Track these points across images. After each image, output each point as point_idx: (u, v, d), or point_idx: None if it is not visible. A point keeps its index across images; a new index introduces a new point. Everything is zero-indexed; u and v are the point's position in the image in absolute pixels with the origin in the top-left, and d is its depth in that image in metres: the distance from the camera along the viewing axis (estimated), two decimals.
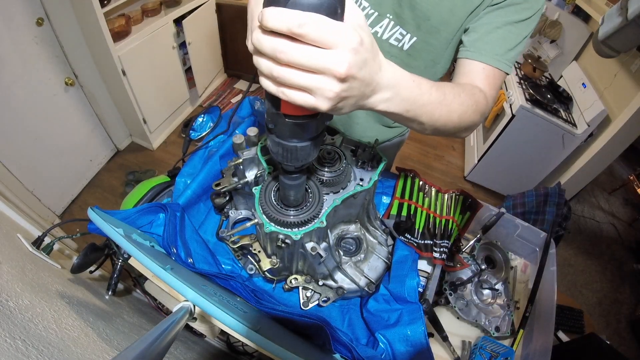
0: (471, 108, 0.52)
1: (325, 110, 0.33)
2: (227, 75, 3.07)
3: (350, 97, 0.34)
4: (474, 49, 0.59)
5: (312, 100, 0.32)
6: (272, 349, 0.45)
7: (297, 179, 0.50)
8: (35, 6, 1.54)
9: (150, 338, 0.36)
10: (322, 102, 0.32)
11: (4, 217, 0.95)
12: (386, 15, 0.65)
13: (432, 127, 0.48)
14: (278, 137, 0.40)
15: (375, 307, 0.65)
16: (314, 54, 0.29)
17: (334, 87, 0.31)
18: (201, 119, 0.97)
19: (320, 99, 0.32)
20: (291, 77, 0.30)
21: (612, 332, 2.02)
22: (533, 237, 0.89)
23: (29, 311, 0.51)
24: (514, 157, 2.29)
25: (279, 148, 0.41)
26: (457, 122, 0.50)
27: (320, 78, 0.30)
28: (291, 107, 0.34)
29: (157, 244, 0.62)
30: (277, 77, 0.31)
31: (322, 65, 0.29)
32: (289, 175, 0.49)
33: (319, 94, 0.31)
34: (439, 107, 0.46)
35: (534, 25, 0.60)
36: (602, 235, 2.61)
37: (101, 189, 2.13)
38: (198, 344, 1.00)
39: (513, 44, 0.59)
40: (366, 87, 0.35)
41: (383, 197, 0.90)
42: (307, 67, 0.30)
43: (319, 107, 0.32)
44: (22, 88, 1.57)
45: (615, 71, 2.03)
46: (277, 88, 0.32)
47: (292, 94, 0.32)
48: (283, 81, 0.31)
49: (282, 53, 0.29)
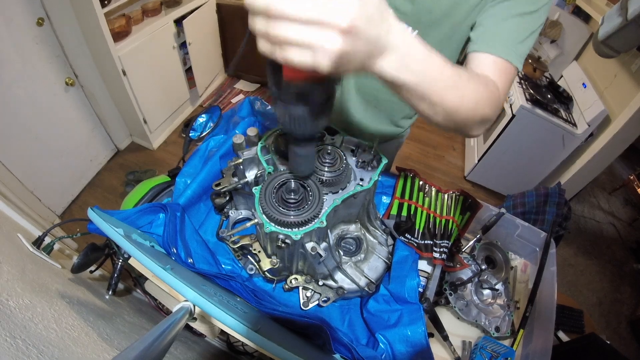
0: (485, 97, 0.47)
1: (325, 69, 0.29)
2: (227, 75, 3.07)
3: (354, 54, 0.30)
4: (483, 41, 0.55)
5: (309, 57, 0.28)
6: (272, 349, 0.45)
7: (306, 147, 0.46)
8: (35, 6, 1.54)
9: (150, 338, 0.36)
10: (323, 59, 0.28)
11: (4, 217, 0.95)
12: None
13: (444, 111, 0.43)
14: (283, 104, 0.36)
15: (376, 307, 0.65)
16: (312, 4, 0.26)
17: (336, 41, 0.27)
18: (201, 119, 0.97)
19: (320, 56, 0.28)
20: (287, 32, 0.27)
21: (612, 332, 2.02)
22: (533, 237, 0.89)
23: (30, 311, 0.51)
24: (514, 157, 2.29)
25: (285, 116, 0.37)
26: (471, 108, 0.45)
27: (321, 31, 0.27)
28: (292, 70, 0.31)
29: (157, 244, 0.62)
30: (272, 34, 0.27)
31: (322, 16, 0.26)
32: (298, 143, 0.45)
33: (319, 50, 0.27)
34: (452, 88, 0.41)
35: (542, 20, 0.56)
36: (602, 235, 2.61)
37: (101, 189, 2.13)
38: (198, 344, 1.00)
39: (523, 36, 0.55)
40: (373, 45, 0.31)
41: (383, 197, 0.90)
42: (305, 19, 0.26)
43: (319, 65, 0.28)
44: (22, 88, 1.57)
45: (615, 71, 2.03)
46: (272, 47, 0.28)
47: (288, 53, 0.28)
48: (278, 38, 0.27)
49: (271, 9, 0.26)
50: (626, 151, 2.03)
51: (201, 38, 2.43)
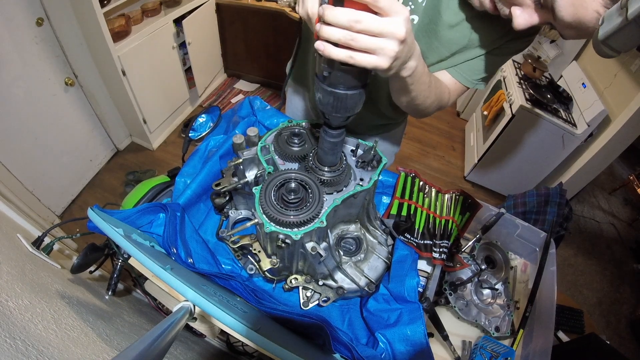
0: (437, 100, 0.66)
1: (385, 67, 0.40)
2: (227, 75, 3.07)
3: (400, 58, 0.42)
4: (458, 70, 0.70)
5: (375, 59, 0.39)
6: (272, 349, 0.45)
7: (338, 136, 0.54)
8: (35, 6, 1.54)
9: (150, 338, 0.36)
10: (384, 60, 0.39)
11: (4, 217, 0.95)
12: None
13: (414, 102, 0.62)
14: (330, 85, 0.43)
15: (375, 306, 0.65)
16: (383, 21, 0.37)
17: (395, 47, 0.39)
18: (201, 119, 0.97)
19: (383, 58, 0.39)
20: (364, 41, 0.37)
21: (612, 332, 2.02)
22: (533, 237, 0.89)
23: (29, 311, 0.51)
24: (514, 157, 2.29)
25: (330, 97, 0.44)
26: (428, 105, 0.64)
27: (385, 40, 0.38)
28: None
29: (157, 244, 0.62)
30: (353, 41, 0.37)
31: (388, 30, 0.37)
32: (332, 131, 0.53)
33: (382, 53, 0.39)
34: (426, 89, 0.59)
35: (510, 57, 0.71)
36: (602, 235, 2.61)
37: (101, 189, 2.13)
38: (198, 344, 1.00)
39: (491, 71, 0.71)
40: (409, 51, 0.44)
41: (383, 197, 0.90)
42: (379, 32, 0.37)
43: (381, 64, 0.40)
44: (22, 88, 1.57)
45: (615, 71, 2.03)
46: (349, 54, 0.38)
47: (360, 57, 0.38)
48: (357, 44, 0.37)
49: (358, 22, 0.36)
50: (626, 151, 2.03)
51: (201, 38, 2.43)
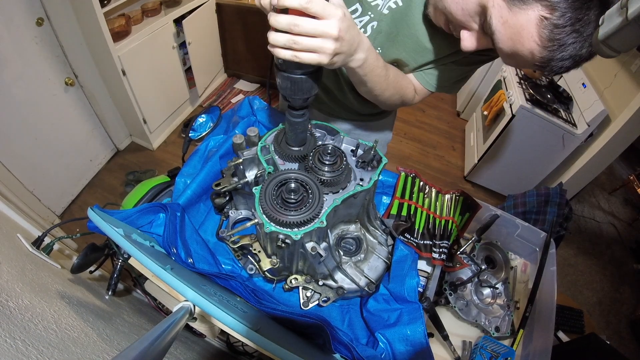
0: (399, 94, 0.71)
1: (325, 62, 0.47)
2: (227, 75, 3.07)
3: (340, 53, 0.49)
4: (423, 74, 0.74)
5: (317, 56, 0.45)
6: (272, 349, 0.45)
7: (301, 117, 0.59)
8: (35, 6, 1.54)
9: (150, 338, 0.36)
10: (324, 57, 0.46)
11: (4, 217, 0.95)
12: None
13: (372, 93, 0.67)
14: (285, 71, 0.49)
15: (375, 306, 0.65)
16: (317, 23, 0.43)
17: (331, 45, 0.45)
18: (201, 119, 0.97)
19: (322, 55, 0.46)
20: (304, 42, 0.44)
21: (612, 332, 2.02)
22: (533, 237, 0.89)
23: (29, 311, 0.51)
24: (514, 157, 2.29)
25: (288, 82, 0.50)
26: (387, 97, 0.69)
27: (322, 40, 0.44)
28: None
29: (157, 244, 0.62)
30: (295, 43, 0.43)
31: (322, 31, 0.44)
32: (295, 111, 0.58)
33: (322, 51, 0.45)
34: (382, 81, 0.64)
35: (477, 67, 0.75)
36: (602, 235, 2.61)
37: (101, 189, 2.13)
38: (198, 344, 1.00)
39: (455, 78, 0.74)
40: (351, 46, 0.50)
41: (383, 197, 0.90)
42: (313, 33, 0.43)
43: (322, 61, 0.46)
44: (22, 88, 1.57)
45: (615, 71, 2.03)
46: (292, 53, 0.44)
47: (303, 55, 0.45)
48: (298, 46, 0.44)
49: (296, 26, 0.43)
50: (626, 151, 2.03)
51: (201, 38, 2.43)
